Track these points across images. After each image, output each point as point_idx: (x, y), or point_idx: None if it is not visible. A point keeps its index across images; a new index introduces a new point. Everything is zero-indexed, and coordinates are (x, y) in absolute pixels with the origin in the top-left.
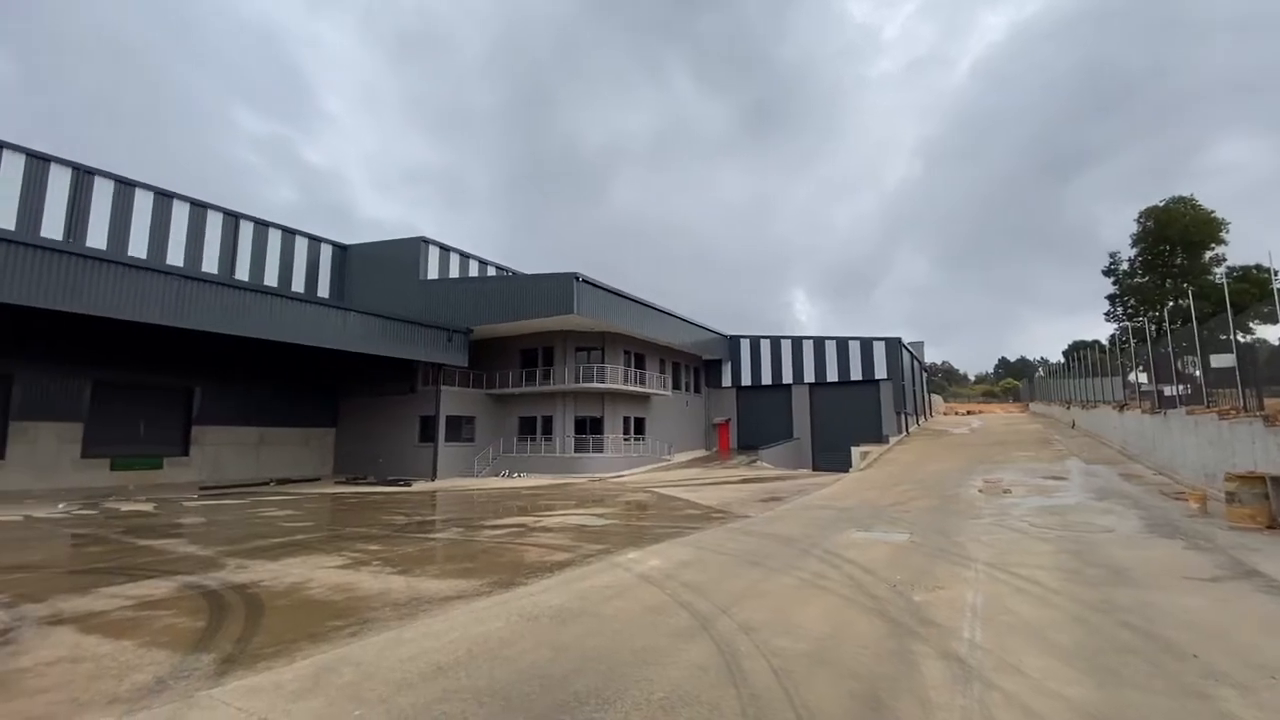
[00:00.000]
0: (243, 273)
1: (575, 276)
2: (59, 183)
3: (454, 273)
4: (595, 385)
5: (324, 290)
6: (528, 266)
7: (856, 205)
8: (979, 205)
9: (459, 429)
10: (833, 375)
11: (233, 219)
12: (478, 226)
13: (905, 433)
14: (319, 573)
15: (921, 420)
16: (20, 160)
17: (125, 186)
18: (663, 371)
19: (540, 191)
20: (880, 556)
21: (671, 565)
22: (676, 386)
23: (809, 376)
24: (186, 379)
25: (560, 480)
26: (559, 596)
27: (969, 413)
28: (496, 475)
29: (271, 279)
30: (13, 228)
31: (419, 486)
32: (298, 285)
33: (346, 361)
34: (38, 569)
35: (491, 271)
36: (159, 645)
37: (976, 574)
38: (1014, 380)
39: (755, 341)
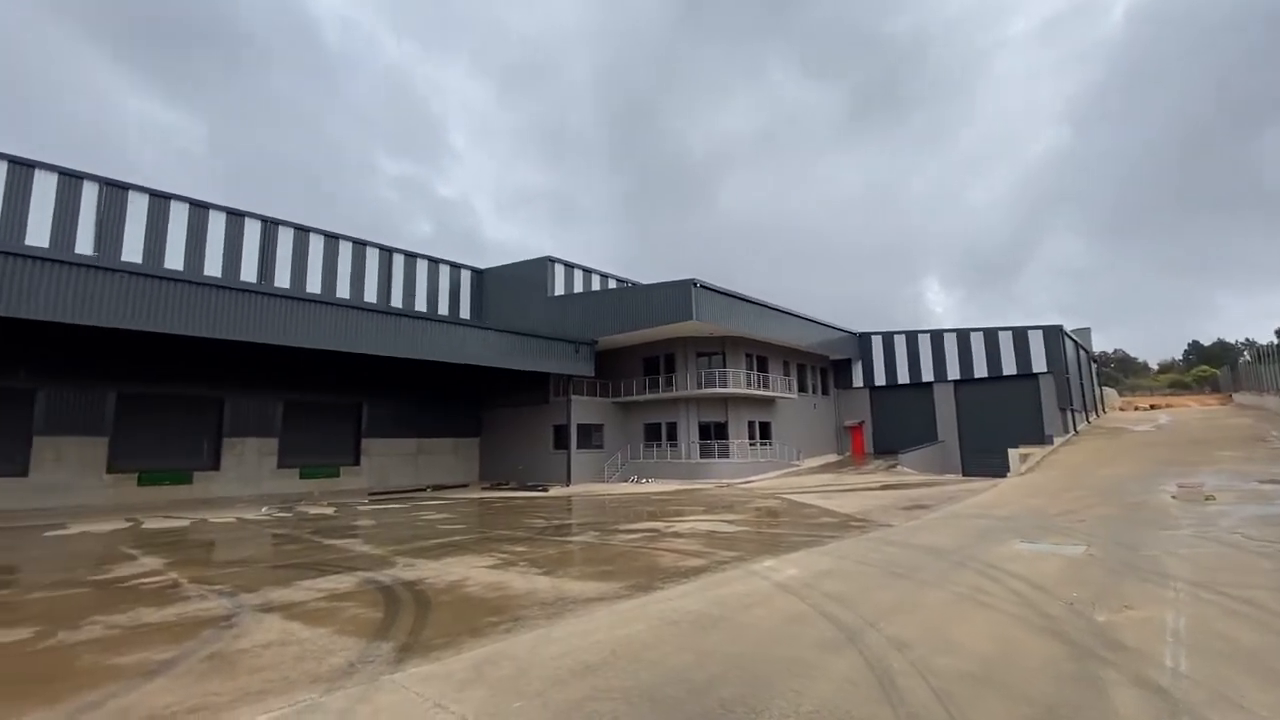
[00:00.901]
0: (396, 300)
1: (693, 283)
2: (252, 234)
3: (578, 287)
4: (717, 390)
5: (465, 312)
6: (643, 276)
7: (994, 183)
8: (1143, 170)
9: (589, 436)
10: (981, 370)
11: (387, 253)
12: (592, 241)
13: (1073, 432)
14: (474, 572)
15: (1092, 417)
16: (222, 218)
17: (301, 232)
18: (787, 374)
19: (649, 202)
20: (1051, 571)
21: (810, 575)
22: (802, 389)
23: (953, 373)
24: (356, 397)
25: (686, 486)
26: (697, 602)
27: (1152, 407)
28: (626, 481)
29: (421, 304)
30: (219, 274)
31: (555, 491)
32: (443, 309)
33: (487, 376)
34: (249, 564)
35: (612, 284)
36: (347, 633)
37: (1176, 593)
38: (1210, 367)
39: (888, 338)
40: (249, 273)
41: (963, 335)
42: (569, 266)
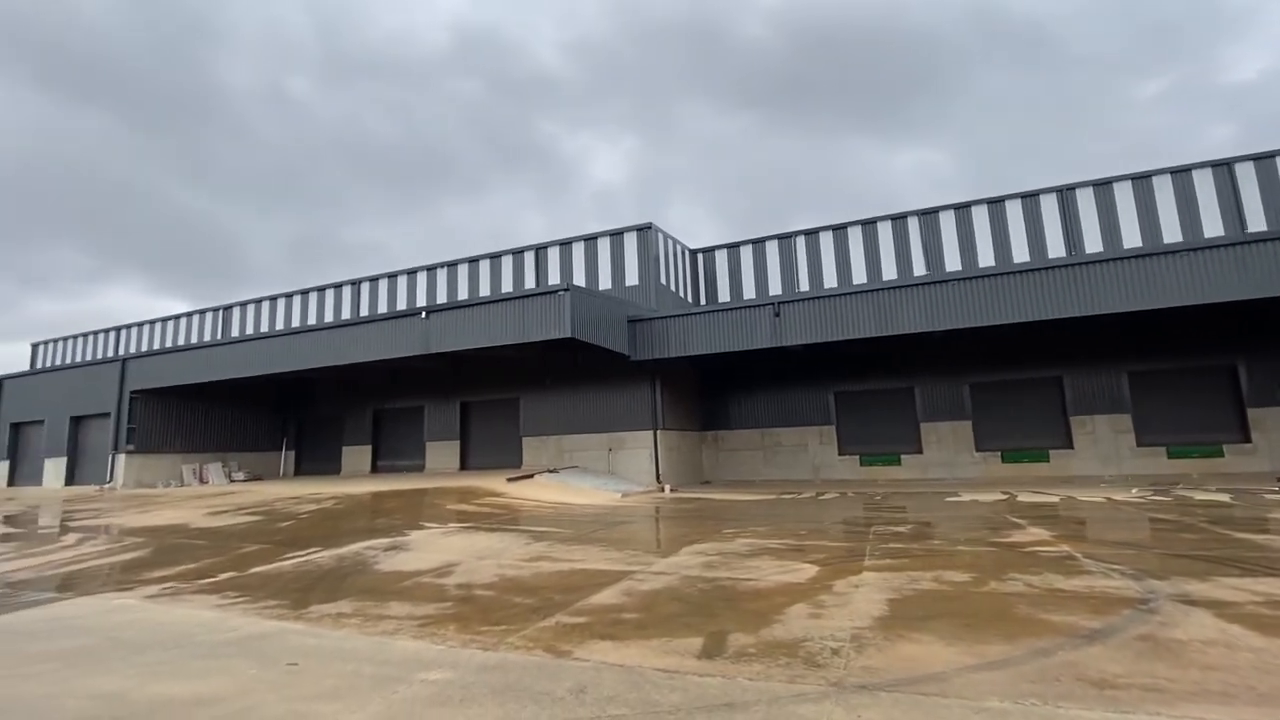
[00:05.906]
0: (1227, 229)
1: None
2: (1036, 210)
3: None
4: None
5: None
6: None
7: None
8: None
9: None
10: None
11: (1181, 174)
12: None
13: None
14: None
15: None
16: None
17: (1099, 187)
18: None
19: None
20: None
21: None
22: None
23: None
24: (1226, 358)
25: None
26: None
27: None
28: None
29: None
30: (1028, 259)
31: None
32: None
33: None
34: (1139, 547)
35: None
36: None
37: None
38: None
39: None
40: (1055, 248)
41: None
42: None
